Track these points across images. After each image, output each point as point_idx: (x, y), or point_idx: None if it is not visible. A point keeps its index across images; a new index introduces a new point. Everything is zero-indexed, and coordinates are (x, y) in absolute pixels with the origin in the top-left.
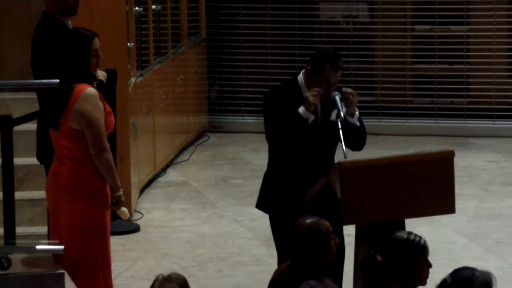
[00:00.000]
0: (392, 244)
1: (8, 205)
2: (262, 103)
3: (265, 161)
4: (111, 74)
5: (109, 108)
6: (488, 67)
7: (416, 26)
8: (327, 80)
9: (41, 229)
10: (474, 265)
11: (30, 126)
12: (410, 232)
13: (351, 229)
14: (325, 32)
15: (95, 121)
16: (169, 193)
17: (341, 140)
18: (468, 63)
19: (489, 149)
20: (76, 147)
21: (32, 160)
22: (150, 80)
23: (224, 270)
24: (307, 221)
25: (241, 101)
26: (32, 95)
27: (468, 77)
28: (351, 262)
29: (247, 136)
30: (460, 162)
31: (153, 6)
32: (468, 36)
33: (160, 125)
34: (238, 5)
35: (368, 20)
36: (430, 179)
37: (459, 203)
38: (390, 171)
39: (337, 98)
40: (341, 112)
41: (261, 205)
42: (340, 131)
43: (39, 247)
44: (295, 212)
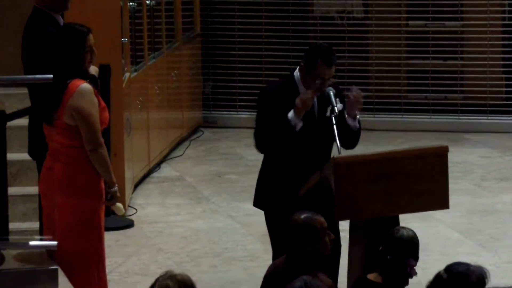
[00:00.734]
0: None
1: (1, 201)
2: (257, 98)
3: (260, 157)
4: (105, 70)
5: (104, 104)
6: (482, 63)
7: (410, 22)
8: (321, 76)
9: (35, 225)
10: (468, 261)
11: (24, 122)
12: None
13: (346, 225)
14: (319, 28)
15: (90, 117)
16: (163, 189)
17: (335, 136)
18: (462, 59)
19: (483, 145)
20: (71, 143)
21: (26, 156)
22: (144, 76)
23: (219, 266)
24: (302, 217)
25: (236, 96)
26: (25, 91)
27: (462, 73)
28: (346, 257)
29: (242, 131)
30: (454, 158)
31: (147, 1)
32: (462, 32)
33: (155, 121)
34: (233, 1)
35: (363, 16)
36: (424, 175)
37: (453, 199)
38: (384, 167)
39: (331, 94)
40: (335, 108)
41: (257, 203)
42: (334, 127)
43: (33, 243)
44: (290, 208)
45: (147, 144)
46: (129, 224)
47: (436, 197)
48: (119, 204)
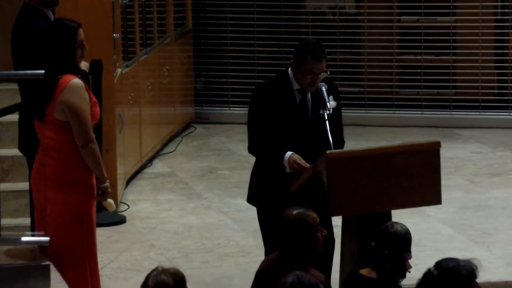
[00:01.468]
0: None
1: None
2: (251, 95)
3: None
4: (97, 65)
5: (95, 99)
6: (474, 58)
7: (403, 17)
8: (311, 71)
9: (26, 221)
10: (460, 256)
11: (15, 117)
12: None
13: (338, 221)
14: (311, 23)
15: (81, 112)
16: (156, 185)
17: (327, 131)
18: (455, 54)
19: (475, 140)
20: (62, 138)
21: (17, 151)
22: (136, 71)
23: (211, 261)
24: (294, 212)
25: (228, 92)
26: (16, 86)
27: (454, 68)
28: (339, 253)
29: (234, 127)
30: (446, 153)
31: None
32: (455, 27)
33: (146, 116)
34: None
35: (355, 11)
36: (416, 170)
37: (445, 194)
38: (377, 162)
39: (323, 90)
40: (327, 104)
41: (251, 199)
42: (327, 123)
43: (24, 239)
44: (282, 204)
45: (139, 140)
46: (121, 220)
47: (428, 193)
48: (110, 200)
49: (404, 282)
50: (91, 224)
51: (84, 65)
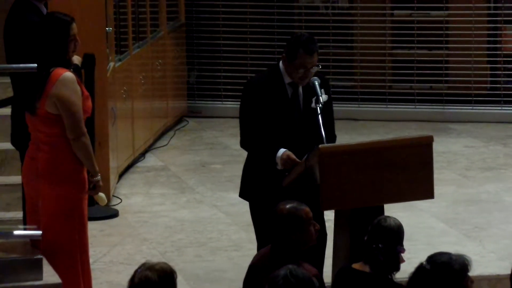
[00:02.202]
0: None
1: None
2: (243, 89)
3: None
4: (89, 59)
5: (87, 93)
6: (467, 53)
7: (395, 11)
8: (303, 65)
9: (19, 215)
10: (452, 250)
11: (7, 111)
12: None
13: (331, 215)
14: (304, 17)
15: (73, 106)
16: (148, 178)
17: (320, 126)
18: (447, 49)
19: (468, 135)
20: (53, 132)
21: (9, 145)
22: (129, 65)
23: (203, 255)
24: (287, 206)
25: (220, 86)
26: (8, 80)
27: (447, 63)
28: (332, 247)
29: (226, 121)
30: (439, 147)
31: None
32: (447, 22)
33: (139, 110)
34: None
35: (347, 5)
36: (409, 165)
37: (438, 189)
38: (369, 156)
39: (316, 84)
40: (320, 98)
41: (243, 194)
42: (319, 117)
43: (17, 233)
44: (275, 198)
45: (132, 134)
46: (114, 214)
47: (421, 187)
48: (102, 194)
49: (397, 276)
50: (83, 218)
51: (77, 59)
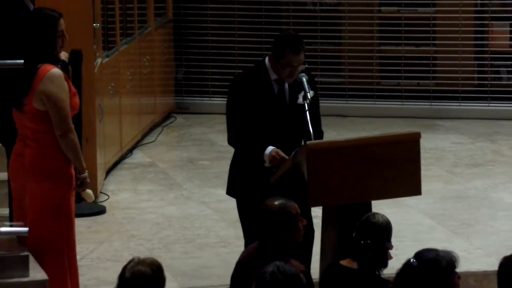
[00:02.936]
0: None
1: None
2: (229, 85)
3: None
4: (77, 55)
5: (74, 89)
6: (454, 49)
7: (383, 8)
8: (290, 64)
9: (5, 211)
10: (440, 247)
11: None
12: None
13: (318, 211)
14: (292, 14)
15: (60, 102)
16: (136, 175)
17: (308, 122)
18: (435, 45)
19: (455, 131)
20: (40, 128)
21: None
22: (116, 61)
23: (191, 252)
24: (276, 203)
25: (208, 82)
26: None
27: (435, 59)
28: (319, 244)
29: (214, 118)
30: (426, 144)
31: None
32: (435, 18)
33: (127, 106)
34: None
35: (335, 2)
36: (397, 161)
37: (425, 185)
38: (357, 153)
39: (304, 80)
40: (308, 94)
41: (230, 191)
42: (307, 113)
43: (3, 229)
44: (262, 195)
45: (119, 130)
46: (101, 211)
47: (408, 183)
48: (89, 191)
49: (384, 272)
50: (70, 214)
51: (64, 55)
